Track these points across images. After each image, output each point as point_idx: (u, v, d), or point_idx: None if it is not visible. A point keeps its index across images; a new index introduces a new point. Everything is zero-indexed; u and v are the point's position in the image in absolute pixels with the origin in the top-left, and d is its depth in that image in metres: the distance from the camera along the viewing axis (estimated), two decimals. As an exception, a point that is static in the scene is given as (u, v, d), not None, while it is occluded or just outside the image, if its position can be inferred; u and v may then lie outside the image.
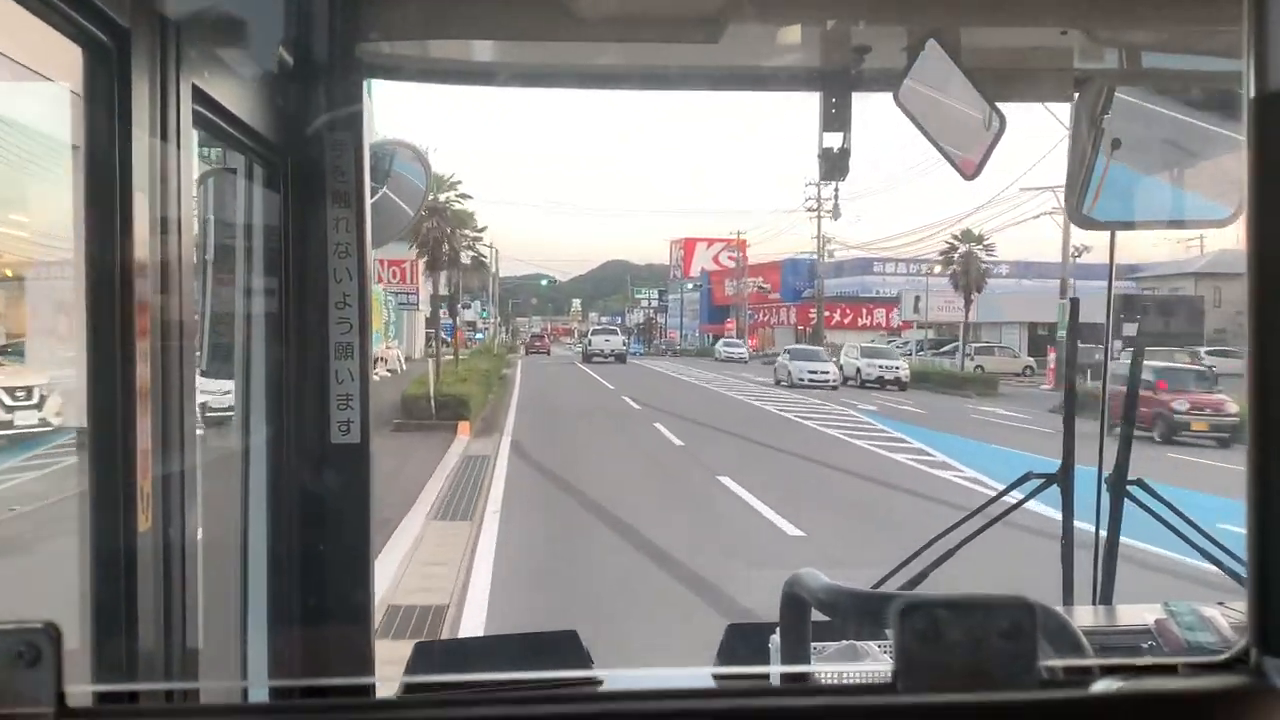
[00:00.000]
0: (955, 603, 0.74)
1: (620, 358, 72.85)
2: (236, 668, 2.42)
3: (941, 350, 62.54)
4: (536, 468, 20.08)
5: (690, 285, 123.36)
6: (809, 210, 70.16)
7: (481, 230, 42.02)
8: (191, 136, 1.86)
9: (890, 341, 64.81)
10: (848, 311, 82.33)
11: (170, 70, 1.73)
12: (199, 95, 1.86)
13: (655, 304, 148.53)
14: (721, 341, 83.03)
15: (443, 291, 39.29)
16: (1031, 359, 57.54)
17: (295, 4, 2.41)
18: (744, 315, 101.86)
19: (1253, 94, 0.72)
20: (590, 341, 78.49)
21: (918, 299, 64.34)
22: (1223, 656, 0.77)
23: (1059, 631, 1.20)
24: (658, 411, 31.03)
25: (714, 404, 36.90)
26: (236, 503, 2.45)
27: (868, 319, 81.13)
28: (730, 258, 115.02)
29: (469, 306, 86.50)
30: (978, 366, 53.84)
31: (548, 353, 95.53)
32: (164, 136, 1.72)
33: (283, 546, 2.45)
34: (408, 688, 2.76)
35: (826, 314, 76.77)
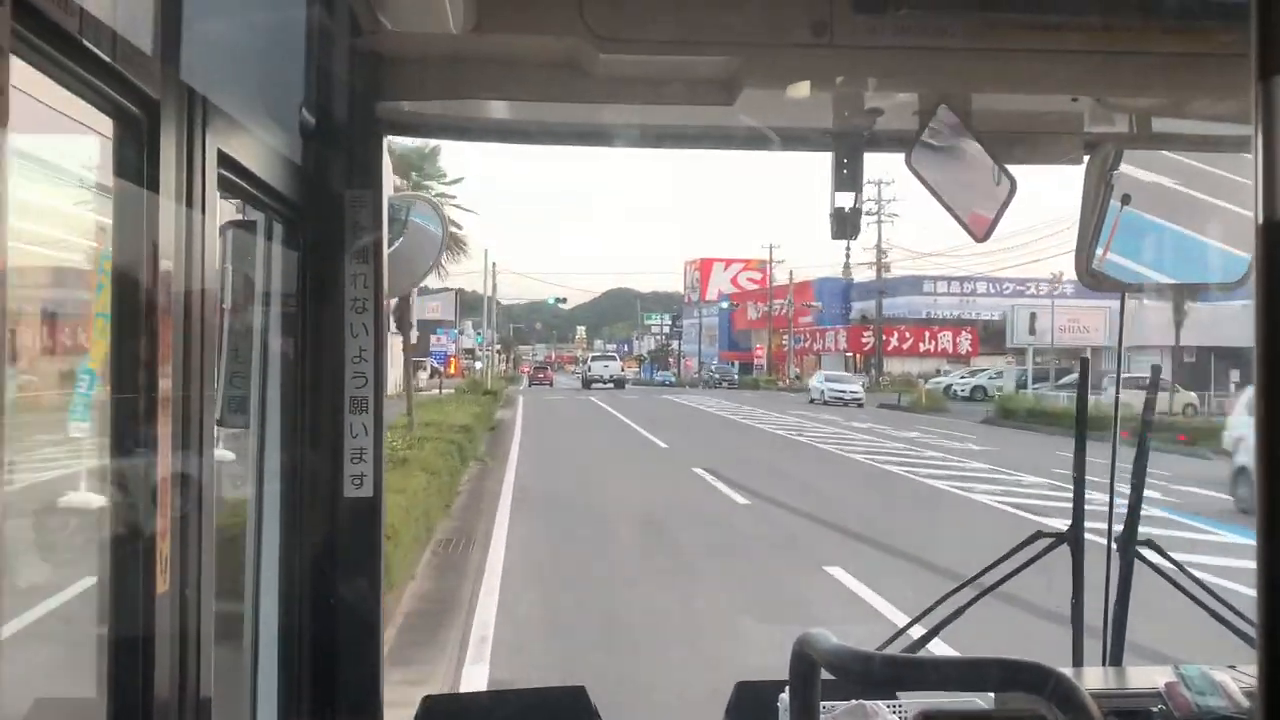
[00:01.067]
0: (968, 715, 0.75)
1: (619, 383, 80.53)
2: None
3: (1062, 383, 47.56)
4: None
5: (716, 308, 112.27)
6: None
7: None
8: (215, 198, 1.90)
9: (974, 372, 60.02)
10: (906, 335, 73.18)
11: (196, 136, 1.77)
12: (223, 159, 1.90)
13: (667, 329, 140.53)
14: (821, 377, 61.52)
15: (433, 315, 36.89)
16: (1193, 394, 43.98)
17: (316, 68, 2.46)
18: (773, 340, 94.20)
19: (1260, 220, 0.73)
20: (590, 368, 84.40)
21: (1033, 318, 51.62)
22: None
23: (1076, 709, 1.21)
24: (767, 503, 19.57)
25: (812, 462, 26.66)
26: (250, 556, 2.46)
27: (931, 344, 72.60)
28: (751, 280, 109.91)
29: (464, 333, 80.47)
30: (1187, 406, 41.35)
31: (550, 384, 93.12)
32: (189, 200, 1.76)
33: (295, 600, 2.46)
34: None
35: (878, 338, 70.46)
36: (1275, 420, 0.75)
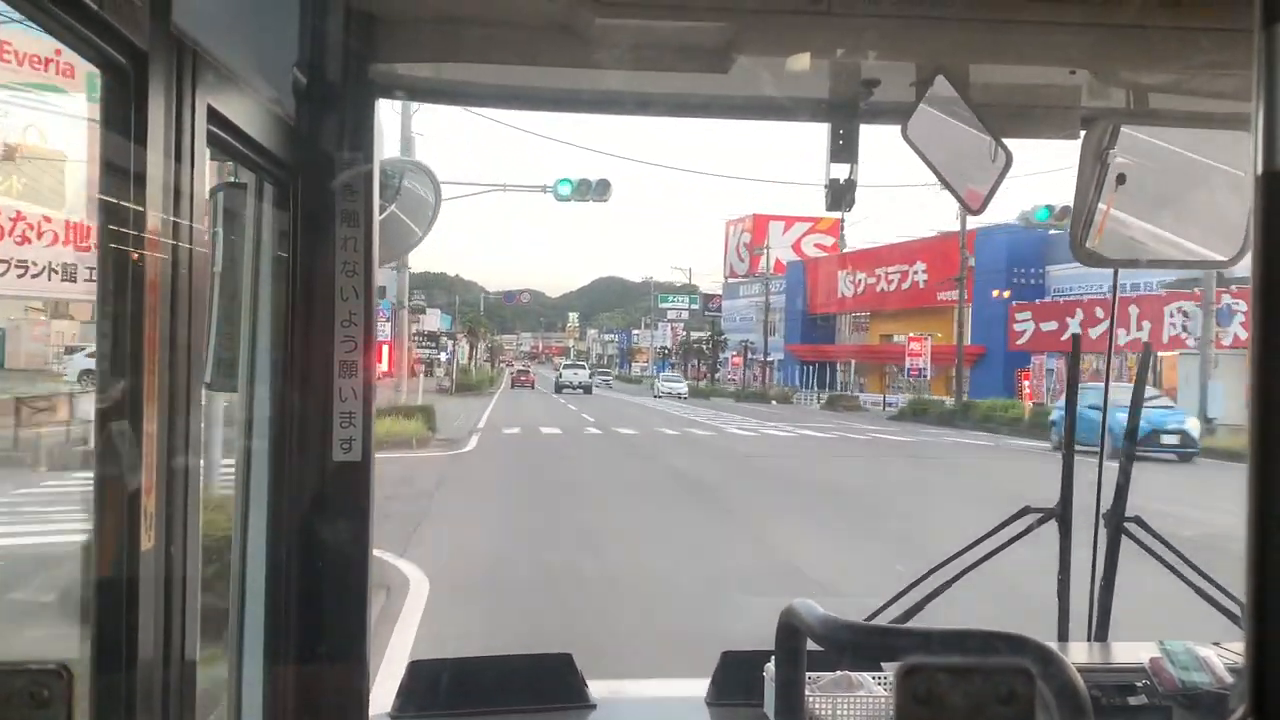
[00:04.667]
0: (954, 667, 0.75)
1: (587, 389, 78.45)
2: (232, 695, 2.42)
3: None
4: None
5: (777, 283, 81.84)
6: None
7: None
8: (204, 155, 1.88)
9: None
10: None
11: (186, 91, 1.75)
12: (213, 115, 1.88)
13: (686, 316, 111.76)
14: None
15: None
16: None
17: (309, 26, 2.44)
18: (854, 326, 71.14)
19: (1259, 170, 0.73)
20: (561, 374, 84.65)
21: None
22: (1233, 717, 0.76)
23: (1062, 684, 1.21)
24: None
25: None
26: (237, 518, 2.46)
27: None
28: (820, 247, 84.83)
29: (423, 311, 63.68)
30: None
31: (532, 386, 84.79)
32: (178, 155, 1.74)
33: (282, 564, 2.46)
34: (403, 707, 2.77)
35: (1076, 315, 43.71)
36: (1269, 385, 0.75)
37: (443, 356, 66.39)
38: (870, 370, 69.62)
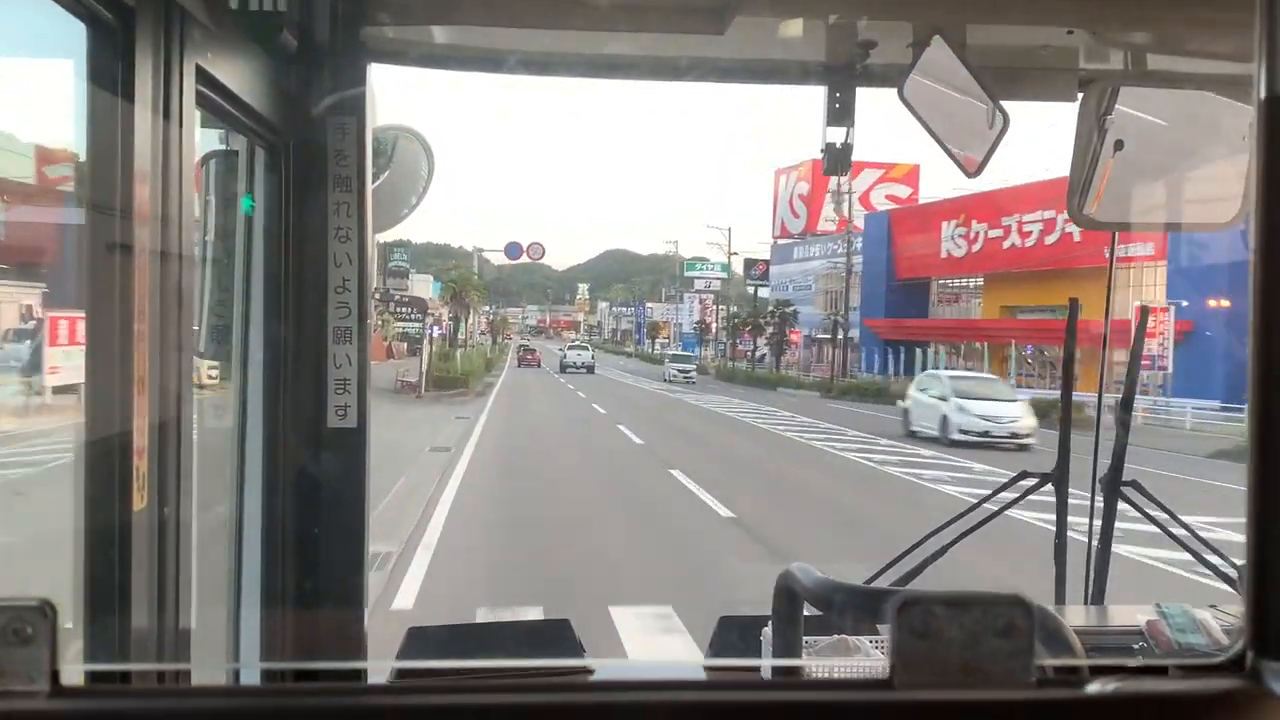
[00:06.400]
0: (951, 599, 0.74)
1: (590, 369, 73.93)
2: (229, 648, 2.42)
3: None
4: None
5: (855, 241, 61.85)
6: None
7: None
8: (194, 117, 1.86)
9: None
10: None
11: (174, 50, 1.73)
12: (202, 75, 1.86)
13: (717, 287, 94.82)
14: None
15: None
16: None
17: None
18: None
19: (1263, 94, 0.72)
20: (565, 355, 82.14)
21: None
22: (1218, 659, 0.77)
23: (1051, 631, 1.21)
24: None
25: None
26: (232, 485, 2.45)
27: None
28: (893, 198, 69.15)
29: (404, 275, 55.20)
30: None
31: (538, 365, 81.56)
32: (166, 116, 1.72)
33: (278, 529, 2.45)
34: (399, 673, 2.78)
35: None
36: (1269, 352, 0.75)
37: (436, 332, 51.90)
38: (970, 354, 51.19)
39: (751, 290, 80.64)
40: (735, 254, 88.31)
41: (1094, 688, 0.75)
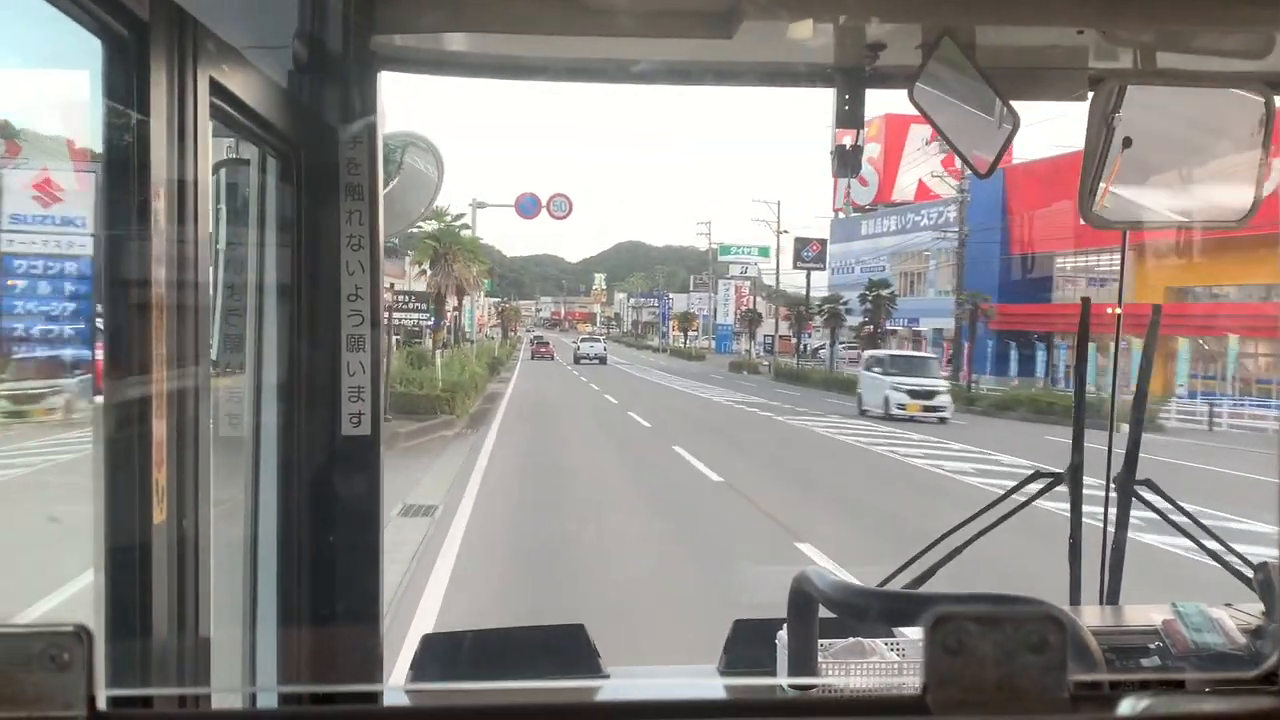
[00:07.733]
0: (983, 616, 0.73)
1: (602, 360, 78.41)
2: (246, 662, 2.43)
3: None
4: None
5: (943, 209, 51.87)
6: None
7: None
8: (207, 128, 1.87)
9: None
10: None
11: (188, 63, 1.74)
12: (215, 88, 1.86)
13: (756, 274, 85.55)
14: None
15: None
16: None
17: None
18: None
19: None
20: (579, 347, 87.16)
21: None
22: (1253, 673, 0.76)
23: (1080, 645, 1.21)
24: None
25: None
26: (248, 495, 2.46)
27: None
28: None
29: (398, 256, 43.80)
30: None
31: (552, 357, 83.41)
32: (180, 128, 1.73)
33: (293, 539, 2.46)
34: (414, 695, 2.77)
35: None
36: None
37: (417, 323, 42.30)
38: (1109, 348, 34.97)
39: (805, 274, 68.84)
40: (785, 232, 75.11)
41: (1127, 706, 0.74)
